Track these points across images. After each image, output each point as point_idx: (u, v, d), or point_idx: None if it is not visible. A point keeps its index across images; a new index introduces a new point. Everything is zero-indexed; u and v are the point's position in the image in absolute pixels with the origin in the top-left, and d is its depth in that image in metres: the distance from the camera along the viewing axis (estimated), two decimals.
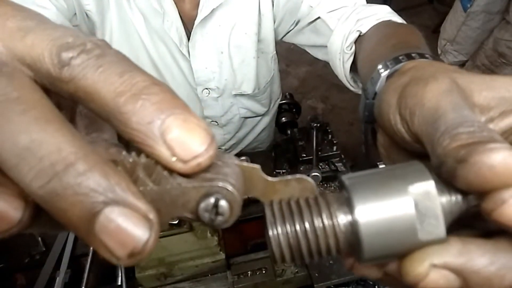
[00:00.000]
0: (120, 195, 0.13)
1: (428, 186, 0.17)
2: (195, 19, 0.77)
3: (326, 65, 0.80)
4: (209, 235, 0.70)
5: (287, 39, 0.89)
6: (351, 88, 0.69)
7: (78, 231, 0.13)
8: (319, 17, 0.73)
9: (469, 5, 2.46)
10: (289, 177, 0.18)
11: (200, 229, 0.69)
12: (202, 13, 0.76)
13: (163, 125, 0.14)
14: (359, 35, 0.61)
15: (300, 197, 0.18)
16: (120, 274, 0.79)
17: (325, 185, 0.93)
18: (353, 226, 0.17)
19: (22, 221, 0.13)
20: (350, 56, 0.62)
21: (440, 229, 0.17)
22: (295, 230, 0.17)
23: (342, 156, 0.98)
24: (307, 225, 0.17)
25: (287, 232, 0.17)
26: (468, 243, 0.17)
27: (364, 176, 0.18)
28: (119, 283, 0.79)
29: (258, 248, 0.79)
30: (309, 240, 0.17)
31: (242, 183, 0.16)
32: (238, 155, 0.92)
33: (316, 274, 0.74)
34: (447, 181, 0.17)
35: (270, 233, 0.18)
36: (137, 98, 0.14)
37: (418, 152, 0.22)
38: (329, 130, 0.98)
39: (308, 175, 0.87)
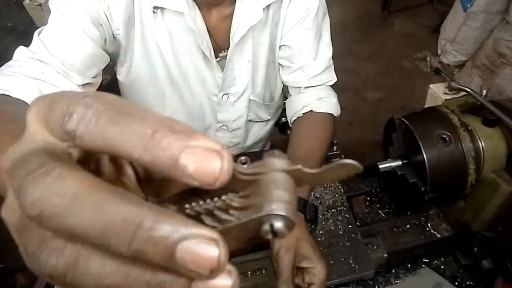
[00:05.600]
0: (185, 231, 0.15)
1: None
2: (223, 32, 0.80)
3: None
4: None
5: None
6: (290, 125, 0.94)
7: (172, 272, 0.16)
8: (300, 87, 0.92)
9: (469, 5, 2.46)
10: (333, 165, 0.19)
11: None
12: (240, 31, 0.78)
13: (179, 164, 0.16)
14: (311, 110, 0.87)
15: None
16: None
17: (325, 185, 0.93)
18: None
19: None
20: (298, 116, 0.89)
21: None
22: None
23: (342, 156, 0.98)
24: None
25: None
26: None
27: None
28: None
29: (258, 248, 0.79)
30: None
31: (292, 189, 0.17)
32: (238, 156, 0.92)
33: None
34: None
35: None
36: (152, 144, 0.16)
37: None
38: None
39: None
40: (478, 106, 0.85)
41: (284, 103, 1.09)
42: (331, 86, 0.94)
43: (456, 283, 0.81)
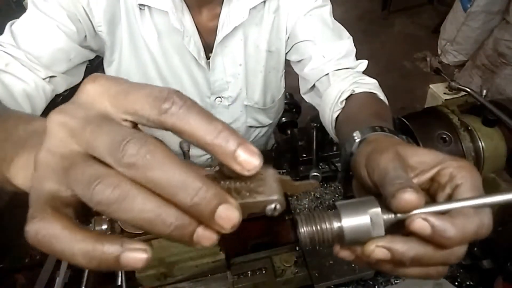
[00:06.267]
0: (224, 198, 0.23)
1: (377, 210, 0.33)
2: (213, 31, 0.78)
3: None
4: None
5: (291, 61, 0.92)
6: (333, 136, 0.75)
7: (206, 221, 0.23)
8: (327, 73, 0.79)
9: (469, 5, 2.46)
10: (304, 182, 0.32)
11: None
12: (224, 30, 0.77)
13: (236, 153, 0.23)
14: (351, 94, 0.70)
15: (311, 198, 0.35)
16: (120, 274, 0.79)
17: (325, 185, 0.93)
18: (341, 228, 0.33)
19: None
20: (340, 108, 0.70)
21: (381, 231, 0.33)
22: (313, 229, 0.34)
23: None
24: (319, 227, 0.34)
25: (309, 230, 0.34)
26: (394, 237, 0.33)
27: (347, 202, 0.34)
28: (119, 283, 0.79)
29: (258, 248, 0.79)
30: (320, 234, 0.34)
31: (282, 188, 0.28)
32: None
33: (316, 274, 0.74)
34: (388, 207, 0.33)
35: (301, 230, 0.34)
36: (219, 138, 0.23)
37: (374, 192, 0.37)
38: None
39: (308, 175, 0.87)
40: (478, 106, 0.85)
41: (286, 106, 1.08)
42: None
43: (456, 283, 0.81)
